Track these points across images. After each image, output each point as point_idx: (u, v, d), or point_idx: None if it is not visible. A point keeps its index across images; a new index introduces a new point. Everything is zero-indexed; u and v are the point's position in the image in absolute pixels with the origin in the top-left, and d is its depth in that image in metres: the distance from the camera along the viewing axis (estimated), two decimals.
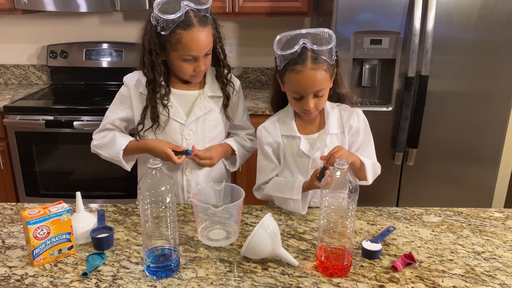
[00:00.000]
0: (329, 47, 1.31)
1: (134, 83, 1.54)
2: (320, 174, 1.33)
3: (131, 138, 1.57)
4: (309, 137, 1.47)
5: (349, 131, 1.47)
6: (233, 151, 1.64)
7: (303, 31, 1.35)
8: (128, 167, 1.60)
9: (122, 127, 1.60)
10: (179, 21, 1.37)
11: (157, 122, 1.52)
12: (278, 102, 1.54)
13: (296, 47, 1.30)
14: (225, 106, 1.59)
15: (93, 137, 1.62)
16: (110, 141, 1.56)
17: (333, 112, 1.47)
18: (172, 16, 1.35)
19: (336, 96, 1.51)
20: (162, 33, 1.39)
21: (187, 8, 1.37)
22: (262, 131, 1.51)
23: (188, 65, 1.45)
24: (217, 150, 1.57)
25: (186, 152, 1.51)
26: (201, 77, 1.52)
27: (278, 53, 1.34)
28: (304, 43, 1.30)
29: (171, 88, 1.54)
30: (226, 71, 1.57)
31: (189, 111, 1.54)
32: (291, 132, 1.47)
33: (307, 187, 1.42)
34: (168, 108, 1.51)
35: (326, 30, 1.35)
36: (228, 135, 1.73)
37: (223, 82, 1.57)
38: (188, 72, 1.47)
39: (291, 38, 1.36)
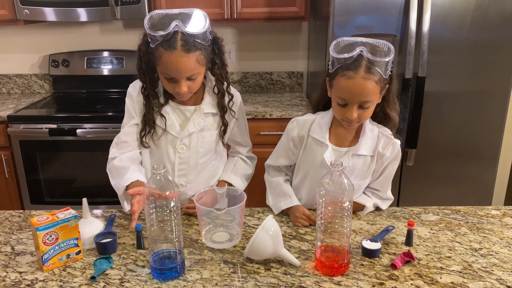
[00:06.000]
0: (386, 60, 1.28)
1: (136, 93, 1.53)
2: None
3: (140, 177, 1.47)
4: (337, 150, 1.44)
5: (378, 158, 1.44)
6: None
7: (363, 39, 1.32)
8: (126, 206, 1.51)
9: (136, 134, 1.55)
10: (163, 39, 1.33)
11: (153, 128, 1.51)
12: (320, 105, 1.51)
13: (353, 53, 1.28)
14: (222, 132, 1.57)
15: (111, 152, 1.55)
16: (120, 172, 1.49)
17: (371, 133, 1.43)
18: (156, 33, 1.32)
19: (381, 116, 1.45)
20: (150, 45, 1.38)
21: (176, 29, 1.32)
22: (294, 125, 1.51)
23: (169, 84, 1.42)
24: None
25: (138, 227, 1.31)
26: (187, 96, 1.47)
27: (334, 55, 1.31)
28: (361, 50, 1.27)
29: (170, 100, 1.52)
30: (227, 99, 1.54)
31: (184, 125, 1.52)
32: (321, 138, 1.44)
33: (288, 209, 1.49)
34: (165, 119, 1.50)
35: (387, 43, 1.31)
36: (227, 148, 1.71)
37: (223, 109, 1.54)
38: (169, 89, 1.44)
39: (349, 43, 1.32)
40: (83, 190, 2.79)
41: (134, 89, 1.54)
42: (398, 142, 1.45)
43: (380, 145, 1.43)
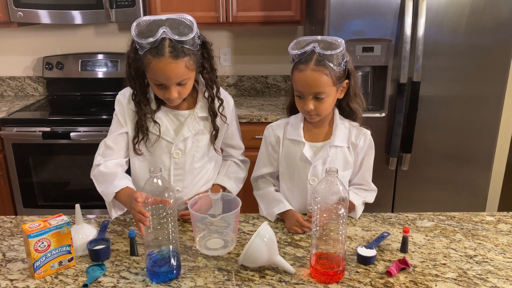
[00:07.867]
0: (334, 52, 1.35)
1: (127, 100, 1.51)
2: None
3: (129, 184, 1.44)
4: (314, 145, 1.50)
5: (353, 148, 1.51)
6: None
7: (319, 37, 1.41)
8: (114, 213, 1.50)
9: (123, 143, 1.55)
10: (151, 46, 1.32)
11: (146, 135, 1.49)
12: (293, 107, 1.53)
13: (305, 49, 1.38)
14: (213, 137, 1.55)
15: (96, 158, 1.53)
16: (108, 179, 1.47)
17: (343, 125, 1.50)
18: (143, 41, 1.31)
19: (347, 110, 1.53)
20: (139, 52, 1.36)
21: (163, 36, 1.30)
22: (269, 130, 1.58)
23: (159, 90, 1.41)
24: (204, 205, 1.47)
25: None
26: (178, 102, 1.45)
27: (291, 52, 1.41)
28: (314, 46, 1.37)
29: (162, 106, 1.50)
30: (217, 103, 1.53)
31: (179, 130, 1.51)
32: (297, 137, 1.50)
33: (283, 215, 1.49)
34: (159, 125, 1.48)
35: (338, 39, 1.40)
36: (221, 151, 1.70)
37: (213, 114, 1.53)
38: (159, 95, 1.43)
39: (304, 41, 1.41)
40: (76, 193, 2.77)
41: (124, 97, 1.52)
42: (368, 132, 1.53)
43: (352, 135, 1.51)
